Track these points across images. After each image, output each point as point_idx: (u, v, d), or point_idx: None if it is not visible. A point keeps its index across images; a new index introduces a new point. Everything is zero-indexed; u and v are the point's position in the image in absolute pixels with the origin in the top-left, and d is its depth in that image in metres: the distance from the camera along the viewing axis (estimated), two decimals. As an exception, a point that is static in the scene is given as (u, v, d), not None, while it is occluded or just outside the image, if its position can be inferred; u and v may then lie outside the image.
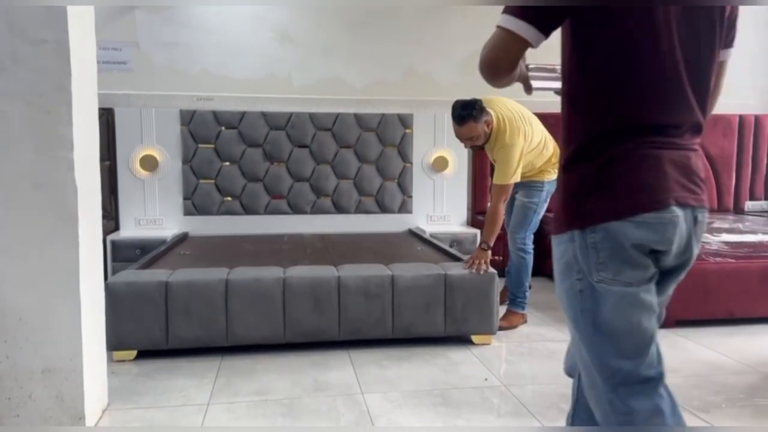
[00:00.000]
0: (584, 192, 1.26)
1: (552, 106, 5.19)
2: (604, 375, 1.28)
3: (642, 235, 1.21)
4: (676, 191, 1.23)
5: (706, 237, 3.65)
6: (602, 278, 1.24)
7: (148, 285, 2.93)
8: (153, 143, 4.61)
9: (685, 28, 1.22)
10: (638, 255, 1.23)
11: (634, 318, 1.25)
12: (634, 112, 1.22)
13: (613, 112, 1.23)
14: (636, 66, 1.21)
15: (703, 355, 3.09)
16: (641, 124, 1.22)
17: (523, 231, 3.57)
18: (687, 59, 1.23)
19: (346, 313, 3.07)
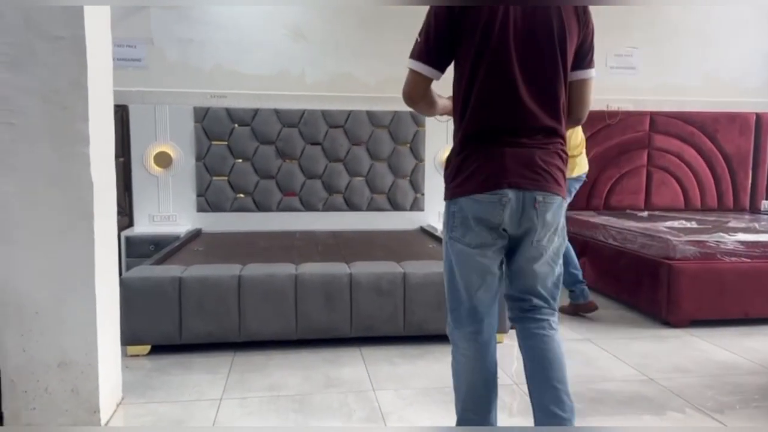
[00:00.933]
0: (452, 176, 1.73)
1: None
2: (449, 301, 1.82)
3: (478, 209, 1.66)
4: (510, 178, 1.63)
5: (722, 236, 3.62)
6: (453, 236, 1.74)
7: (162, 280, 2.95)
8: (167, 140, 4.65)
9: (525, 54, 1.62)
10: (477, 225, 1.68)
11: (468, 272, 1.73)
12: (482, 121, 1.65)
13: (469, 122, 1.67)
14: (480, 88, 1.64)
15: (718, 356, 3.07)
16: (487, 129, 1.65)
17: None
18: (528, 82, 1.63)
19: (358, 310, 3.08)
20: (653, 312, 3.66)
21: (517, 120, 1.64)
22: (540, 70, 1.64)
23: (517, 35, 1.62)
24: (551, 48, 1.64)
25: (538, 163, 1.66)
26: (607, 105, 5.27)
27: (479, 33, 1.61)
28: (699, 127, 5.33)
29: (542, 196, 1.67)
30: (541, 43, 1.63)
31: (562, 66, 1.67)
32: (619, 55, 5.36)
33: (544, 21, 1.63)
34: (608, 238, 4.20)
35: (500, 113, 1.64)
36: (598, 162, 5.28)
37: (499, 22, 1.60)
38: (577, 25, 1.70)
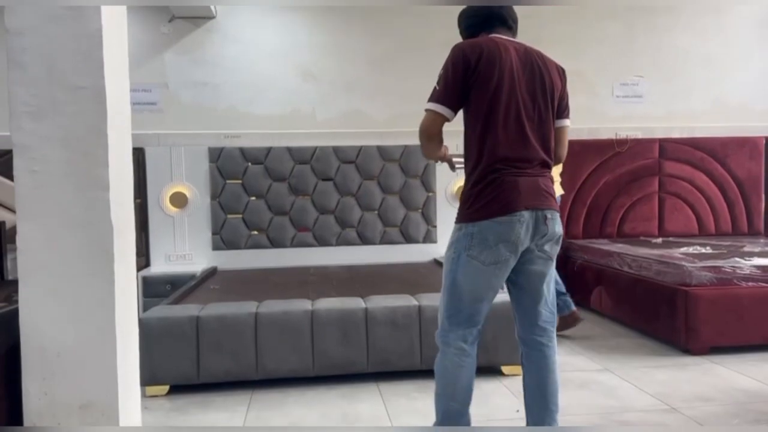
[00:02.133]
0: (472, 202, 2.00)
1: (576, 134, 5.14)
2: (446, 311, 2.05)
3: (499, 229, 1.94)
4: (525, 201, 1.96)
5: (738, 261, 3.59)
6: (471, 254, 1.97)
7: (179, 320, 2.98)
8: (182, 180, 4.73)
9: (530, 103, 2.00)
10: (496, 244, 1.94)
11: (476, 285, 1.99)
12: (497, 154, 1.97)
13: (489, 156, 1.97)
14: (498, 128, 1.97)
15: (740, 383, 3.02)
16: (504, 161, 1.96)
17: None
18: (531, 121, 2.01)
19: (374, 345, 3.07)
20: (672, 340, 3.62)
21: (526, 154, 1.99)
22: (539, 115, 2.02)
23: (521, 86, 1.99)
24: (545, 97, 2.03)
25: (542, 188, 2.01)
26: (616, 133, 5.30)
27: (494, 84, 1.95)
28: (709, 152, 5.34)
29: (550, 213, 2.01)
30: (538, 93, 2.03)
31: (552, 112, 2.06)
32: (625, 84, 5.41)
33: (541, 76, 2.03)
34: (623, 265, 4.18)
35: (514, 149, 1.98)
36: (610, 190, 5.28)
37: (507, 75, 1.96)
38: (560, 81, 2.10)
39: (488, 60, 1.95)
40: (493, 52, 1.96)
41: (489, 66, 1.95)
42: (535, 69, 2.02)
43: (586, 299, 4.63)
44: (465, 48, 1.98)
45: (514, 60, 1.99)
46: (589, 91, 5.38)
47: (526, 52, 2.04)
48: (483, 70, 1.95)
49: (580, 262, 4.78)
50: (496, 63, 1.95)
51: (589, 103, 5.38)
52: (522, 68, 2.00)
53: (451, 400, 2.07)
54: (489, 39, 2.03)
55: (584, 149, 5.22)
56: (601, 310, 4.45)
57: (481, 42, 2.00)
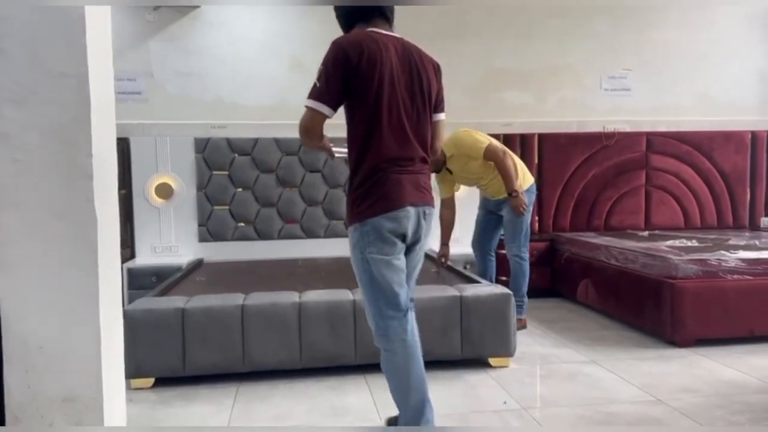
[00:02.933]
0: (359, 202, 2.06)
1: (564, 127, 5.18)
2: (374, 308, 2.12)
3: (389, 224, 2.04)
4: (409, 198, 2.06)
5: (723, 254, 3.62)
6: (371, 252, 2.06)
7: (165, 312, 2.95)
8: (168, 171, 4.68)
9: (408, 102, 2.08)
10: (390, 237, 2.05)
11: (390, 274, 2.08)
12: (381, 154, 2.04)
13: (374, 155, 2.04)
14: (381, 129, 2.04)
15: (725, 375, 3.05)
16: (389, 160, 2.05)
17: (517, 241, 3.91)
18: (410, 120, 2.09)
19: (363, 337, 3.06)
20: (658, 332, 3.65)
21: (407, 153, 2.09)
22: (417, 113, 2.11)
23: (401, 86, 2.06)
24: (422, 95, 2.12)
25: (422, 185, 2.13)
26: (603, 127, 5.32)
27: (376, 84, 2.01)
28: (695, 146, 5.38)
29: (428, 209, 2.16)
30: (417, 92, 2.10)
31: (429, 109, 2.15)
32: (613, 77, 5.43)
33: (419, 75, 2.11)
34: (610, 258, 4.20)
35: (396, 148, 2.06)
36: (597, 183, 5.30)
37: (388, 76, 2.03)
38: (435, 77, 2.18)
39: (369, 60, 1.99)
40: (374, 51, 2.00)
41: (370, 66, 1.99)
42: (413, 68, 2.10)
43: (572, 291, 4.65)
44: (346, 47, 2.00)
45: (394, 59, 2.05)
46: (578, 84, 5.39)
47: (405, 50, 2.10)
48: (364, 71, 1.99)
49: (567, 254, 4.80)
50: (377, 63, 2.00)
51: (577, 96, 5.39)
52: (401, 68, 2.07)
53: (411, 392, 2.12)
54: (369, 36, 2.05)
55: (572, 142, 5.23)
56: (588, 303, 4.47)
57: (362, 40, 2.02)
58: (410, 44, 2.14)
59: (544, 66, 5.33)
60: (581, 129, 5.32)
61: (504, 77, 5.28)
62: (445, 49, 5.13)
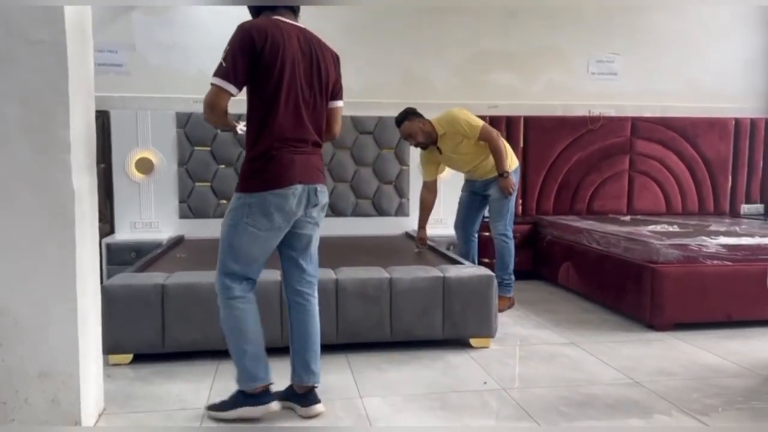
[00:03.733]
0: (252, 175, 2.21)
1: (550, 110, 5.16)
2: (223, 269, 2.28)
3: (276, 200, 2.18)
4: (298, 177, 2.22)
5: (704, 240, 3.66)
6: (249, 222, 2.20)
7: (144, 288, 2.91)
8: (149, 146, 4.60)
9: (306, 89, 2.24)
10: (270, 213, 2.18)
11: (251, 248, 2.24)
12: (277, 135, 2.19)
13: (270, 135, 2.19)
14: (279, 110, 2.19)
15: (702, 358, 3.09)
16: (284, 141, 2.20)
17: (503, 220, 3.98)
18: (307, 106, 2.25)
19: (344, 317, 3.06)
20: (637, 315, 3.69)
21: (301, 135, 2.24)
22: (314, 100, 2.27)
23: (301, 74, 2.22)
24: (320, 84, 2.28)
25: (314, 165, 2.30)
26: (589, 110, 5.32)
27: (277, 71, 2.15)
28: (680, 132, 5.41)
29: (319, 187, 2.31)
30: (315, 81, 2.27)
31: (325, 97, 2.32)
32: (601, 61, 5.42)
33: (318, 65, 2.27)
34: (592, 242, 4.22)
35: (291, 131, 2.21)
36: (581, 167, 5.32)
37: (289, 63, 2.17)
38: (334, 68, 2.36)
39: (273, 46, 2.13)
40: (278, 39, 2.14)
41: (273, 52, 2.14)
42: (313, 57, 2.26)
43: (554, 274, 4.68)
44: (252, 32, 2.13)
45: (296, 48, 2.20)
46: (565, 68, 5.38)
47: (306, 41, 2.25)
48: (267, 56, 2.13)
49: (549, 237, 4.82)
50: (280, 50, 2.15)
51: (563, 80, 5.38)
52: (302, 56, 2.22)
53: (246, 345, 2.30)
54: (274, 24, 2.18)
55: (558, 125, 5.24)
56: (569, 286, 4.51)
57: (267, 27, 2.15)
58: (312, 35, 2.30)
59: (532, 48, 5.31)
60: (567, 112, 5.32)
61: (491, 58, 5.25)
62: (431, 28, 5.09)
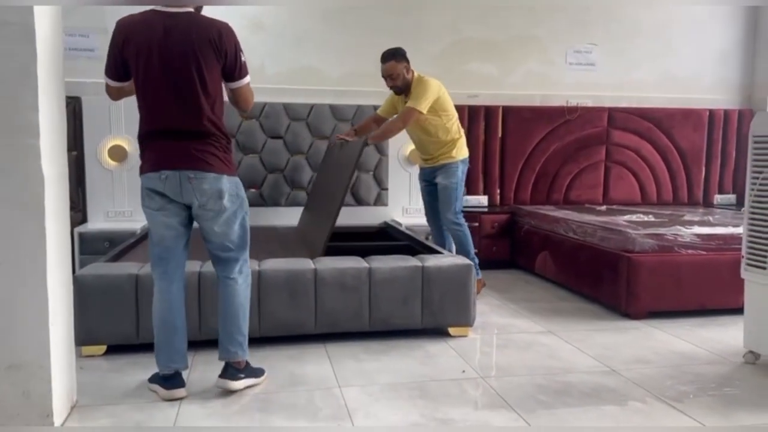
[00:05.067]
0: (141, 159, 2.40)
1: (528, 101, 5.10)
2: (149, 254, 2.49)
3: (149, 184, 2.35)
4: (167, 163, 2.32)
5: (679, 229, 3.71)
6: (144, 204, 2.40)
7: (118, 278, 2.86)
8: (122, 133, 4.51)
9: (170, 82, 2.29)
10: (151, 194, 2.37)
11: (155, 227, 2.41)
12: (145, 126, 2.37)
13: (141, 124, 2.38)
14: (143, 104, 2.35)
15: (677, 346, 3.14)
16: (151, 131, 2.36)
17: (452, 208, 4.00)
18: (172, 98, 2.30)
19: (323, 306, 3.04)
20: (613, 304, 3.73)
21: (167, 125, 2.33)
22: (181, 92, 2.30)
23: (161, 68, 2.27)
24: (188, 77, 2.29)
25: (188, 152, 2.32)
26: (567, 101, 5.35)
27: (135, 66, 2.29)
28: (655, 122, 5.47)
29: (193, 173, 2.32)
30: (179, 74, 2.28)
31: (201, 86, 2.30)
32: (579, 51, 5.45)
33: (181, 56, 2.27)
34: (568, 231, 4.25)
35: (156, 121, 2.34)
36: (558, 157, 5.35)
37: (144, 59, 2.27)
38: (214, 54, 2.31)
39: (131, 44, 2.27)
40: (139, 32, 2.27)
41: (131, 51, 2.28)
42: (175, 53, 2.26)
43: (531, 264, 4.72)
44: (117, 30, 2.31)
45: (156, 41, 2.25)
46: (543, 58, 5.39)
47: (177, 28, 2.27)
48: (127, 54, 2.29)
49: (526, 227, 4.85)
50: (141, 44, 2.26)
51: (542, 70, 5.39)
52: (164, 48, 2.26)
53: (157, 338, 2.45)
54: (143, 15, 2.31)
55: (535, 116, 5.26)
56: (546, 275, 4.54)
57: (132, 21, 2.30)
58: (191, 20, 2.30)
59: (511, 37, 5.31)
60: (545, 103, 5.34)
61: (471, 48, 5.24)
62: (411, 16, 5.06)
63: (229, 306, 2.48)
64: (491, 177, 5.28)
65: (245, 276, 2.52)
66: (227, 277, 2.48)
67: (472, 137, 5.12)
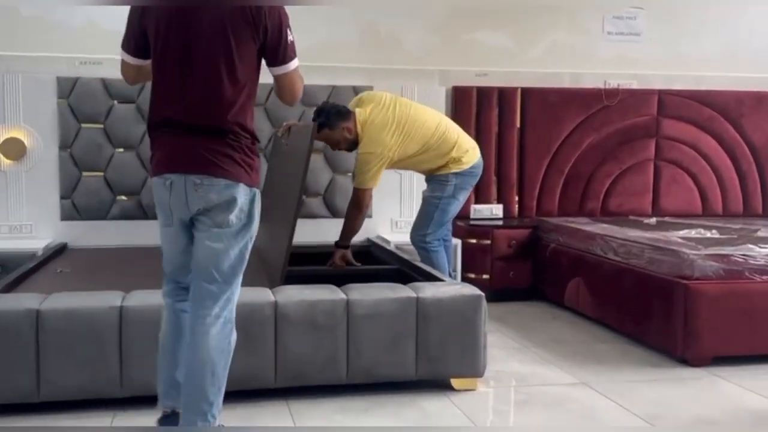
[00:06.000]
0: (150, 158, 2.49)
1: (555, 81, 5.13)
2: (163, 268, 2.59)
3: (155, 192, 2.45)
4: (174, 164, 2.35)
5: (751, 249, 3.72)
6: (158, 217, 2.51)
7: (11, 314, 2.84)
8: (19, 122, 4.54)
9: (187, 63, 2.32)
10: (160, 206, 2.46)
11: (165, 245, 2.51)
12: (158, 112, 2.39)
13: (151, 111, 2.43)
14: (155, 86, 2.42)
15: (749, 402, 3.15)
16: (157, 121, 2.39)
17: (424, 228, 4.15)
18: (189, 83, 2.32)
19: (285, 352, 3.02)
20: (666, 346, 3.75)
21: (177, 116, 2.33)
22: (200, 75, 2.32)
23: (179, 43, 2.32)
24: (211, 56, 2.31)
25: (197, 151, 2.33)
26: (605, 81, 5.41)
27: (155, 36, 2.35)
28: (719, 109, 5.53)
29: (199, 179, 2.33)
30: (197, 54, 2.32)
31: (227, 70, 2.32)
32: (620, 17, 5.52)
33: (206, 29, 2.30)
34: (607, 251, 4.28)
35: (165, 109, 2.36)
36: (594, 155, 5.40)
37: (164, 28, 2.32)
38: (250, 30, 2.32)
39: (153, 7, 2.35)
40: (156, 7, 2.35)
41: (153, 15, 2.35)
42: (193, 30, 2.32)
43: (560, 294, 4.73)
44: None
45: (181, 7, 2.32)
46: (572, 26, 5.45)
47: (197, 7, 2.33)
48: (148, 20, 2.36)
49: (553, 245, 4.87)
50: (161, 11, 2.33)
51: (571, 41, 5.45)
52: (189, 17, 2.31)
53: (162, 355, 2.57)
54: None
55: (564, 101, 5.30)
56: (579, 308, 4.56)
57: None
58: None
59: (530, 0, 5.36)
60: (575, 84, 5.40)
61: (478, 13, 5.28)
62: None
63: (193, 354, 2.37)
64: (507, 180, 5.31)
65: (225, 321, 2.41)
66: (199, 316, 2.38)
67: (481, 128, 5.15)
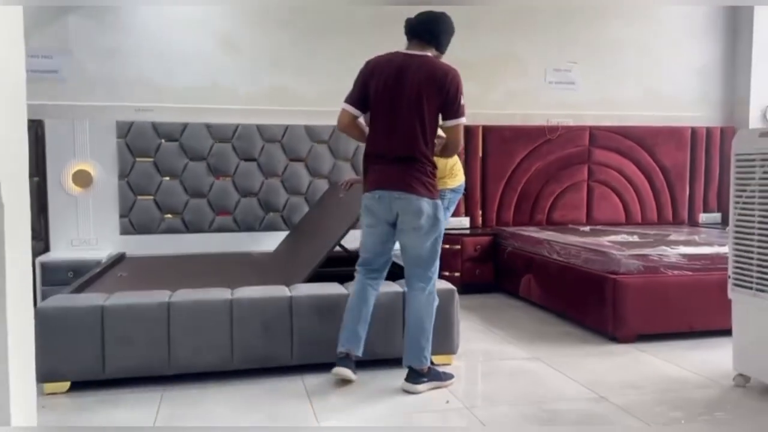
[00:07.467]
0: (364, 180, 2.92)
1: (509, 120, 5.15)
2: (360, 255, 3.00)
3: (366, 203, 2.86)
4: (379, 184, 2.80)
5: (664, 249, 3.76)
6: (362, 219, 2.92)
7: (82, 310, 2.81)
8: (87, 157, 4.48)
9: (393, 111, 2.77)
10: (369, 213, 2.87)
11: (368, 239, 2.92)
12: (372, 147, 2.85)
13: (368, 145, 2.88)
14: (372, 128, 2.85)
15: (666, 370, 3.16)
16: (371, 153, 2.85)
17: None
18: (393, 126, 2.77)
19: (300, 336, 3.01)
20: (600, 328, 3.75)
21: (385, 150, 2.80)
22: (400, 122, 2.76)
23: (389, 99, 2.76)
24: (409, 108, 2.74)
25: (398, 175, 2.77)
26: (548, 120, 5.43)
27: (374, 94, 2.78)
28: (638, 141, 5.57)
29: (397, 194, 2.76)
30: (401, 105, 2.75)
31: (418, 119, 2.74)
32: (559, 69, 5.54)
33: (408, 90, 2.73)
34: (552, 253, 4.29)
35: (377, 145, 2.83)
36: (540, 177, 5.42)
37: (381, 89, 2.76)
38: (436, 91, 2.73)
39: (376, 74, 2.79)
40: (382, 67, 2.79)
41: (375, 80, 2.79)
42: (405, 83, 2.73)
43: (515, 287, 4.74)
44: (368, 62, 2.88)
45: (393, 74, 2.75)
46: (523, 76, 5.48)
47: (410, 67, 2.74)
48: (371, 83, 2.80)
49: (510, 249, 4.88)
50: (380, 77, 2.77)
51: (522, 88, 5.48)
52: (394, 84, 2.74)
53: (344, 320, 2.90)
54: (388, 55, 2.83)
55: (516, 135, 5.32)
56: (531, 298, 4.56)
57: (379, 59, 2.84)
58: (422, 61, 2.77)
59: (490, 55, 5.39)
60: (525, 122, 5.42)
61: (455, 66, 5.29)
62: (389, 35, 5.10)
63: (409, 316, 2.87)
64: (472, 198, 5.32)
65: (428, 293, 2.86)
66: (412, 290, 2.88)
67: (452, 158, 5.16)
